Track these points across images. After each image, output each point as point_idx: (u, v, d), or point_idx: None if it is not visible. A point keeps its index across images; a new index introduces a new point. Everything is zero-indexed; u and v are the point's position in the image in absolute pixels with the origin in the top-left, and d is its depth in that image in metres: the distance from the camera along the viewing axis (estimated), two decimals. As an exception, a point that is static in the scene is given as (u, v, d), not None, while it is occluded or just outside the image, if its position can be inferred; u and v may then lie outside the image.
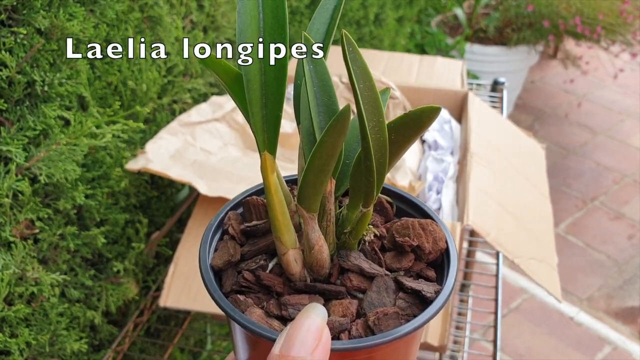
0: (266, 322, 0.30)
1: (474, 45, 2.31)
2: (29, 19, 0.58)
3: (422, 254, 0.33)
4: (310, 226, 0.31)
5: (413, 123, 0.29)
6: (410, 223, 0.34)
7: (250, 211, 0.36)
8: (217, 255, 0.34)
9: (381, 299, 0.32)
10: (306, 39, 0.30)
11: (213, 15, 0.97)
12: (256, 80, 0.29)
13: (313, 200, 0.30)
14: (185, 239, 0.77)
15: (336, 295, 0.32)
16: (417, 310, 0.31)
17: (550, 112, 2.58)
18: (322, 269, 0.32)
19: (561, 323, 1.61)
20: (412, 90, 1.04)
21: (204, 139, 0.83)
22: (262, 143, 0.30)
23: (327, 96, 0.31)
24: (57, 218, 0.68)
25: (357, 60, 0.28)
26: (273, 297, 0.32)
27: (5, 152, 0.58)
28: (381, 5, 1.71)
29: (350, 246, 0.33)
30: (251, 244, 0.35)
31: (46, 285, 0.64)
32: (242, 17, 0.29)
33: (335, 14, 0.33)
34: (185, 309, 0.73)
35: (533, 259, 0.75)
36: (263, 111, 0.29)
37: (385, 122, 0.28)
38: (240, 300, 0.31)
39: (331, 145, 0.27)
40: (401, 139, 0.29)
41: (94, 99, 0.71)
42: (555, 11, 2.11)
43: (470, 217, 0.73)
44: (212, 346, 1.15)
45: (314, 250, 0.31)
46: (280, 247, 0.32)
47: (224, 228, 0.36)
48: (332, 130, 0.26)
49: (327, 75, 0.31)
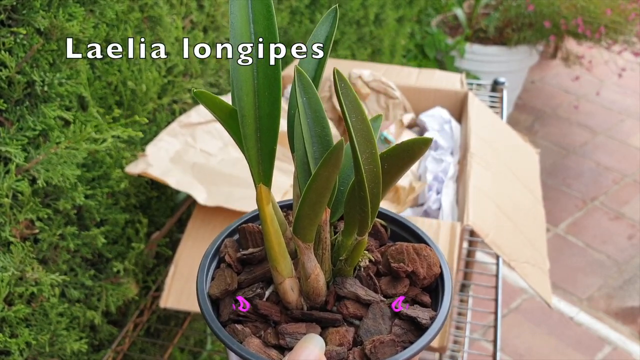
0: (264, 352, 0.30)
1: (474, 45, 2.31)
2: (28, 19, 0.58)
3: (417, 279, 0.34)
4: (306, 255, 0.31)
5: (405, 154, 0.29)
6: (405, 248, 0.34)
7: (246, 238, 0.36)
8: (215, 285, 0.34)
9: (377, 326, 0.32)
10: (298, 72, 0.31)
11: (213, 15, 0.97)
12: (250, 116, 0.30)
13: (309, 231, 0.31)
14: (186, 239, 0.77)
15: (333, 323, 0.32)
16: (413, 336, 0.32)
17: (551, 112, 2.58)
18: (319, 296, 0.33)
19: (561, 323, 1.61)
20: (412, 91, 1.04)
21: (204, 139, 0.83)
22: (258, 175, 0.31)
23: (320, 127, 0.32)
24: (57, 218, 0.68)
25: (349, 95, 0.28)
26: (270, 325, 0.33)
27: (4, 153, 0.58)
28: (381, 5, 1.71)
29: (346, 273, 0.34)
30: (248, 272, 0.35)
31: (46, 286, 0.64)
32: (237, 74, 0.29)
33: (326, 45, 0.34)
34: (185, 310, 0.73)
35: (527, 263, 0.75)
36: (258, 144, 0.30)
37: (377, 153, 0.29)
38: (238, 330, 0.31)
39: (326, 179, 0.28)
40: (394, 169, 0.30)
41: (93, 99, 0.71)
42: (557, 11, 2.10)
43: (471, 218, 0.73)
44: (212, 346, 1.15)
45: (311, 279, 0.32)
46: (277, 276, 0.32)
47: (221, 256, 0.36)
48: (326, 164, 0.27)
49: (320, 106, 0.32)
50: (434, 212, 0.85)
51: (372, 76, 0.99)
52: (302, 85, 0.31)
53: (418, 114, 1.03)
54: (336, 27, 0.34)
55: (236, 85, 0.29)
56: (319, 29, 0.34)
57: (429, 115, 1.00)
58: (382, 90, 0.98)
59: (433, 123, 0.99)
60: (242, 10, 0.30)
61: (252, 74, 0.30)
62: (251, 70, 0.30)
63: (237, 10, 0.30)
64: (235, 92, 0.30)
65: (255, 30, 0.30)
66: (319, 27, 0.34)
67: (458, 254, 0.71)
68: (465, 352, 0.80)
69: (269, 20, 0.30)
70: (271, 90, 0.30)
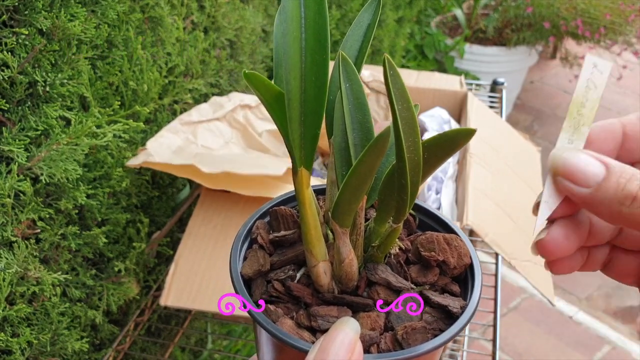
0: (297, 332, 0.31)
1: (474, 46, 2.31)
2: (30, 20, 0.58)
3: (447, 268, 0.34)
4: (342, 240, 0.32)
5: (447, 144, 0.29)
6: (435, 237, 0.34)
7: (278, 220, 0.36)
8: (247, 264, 0.34)
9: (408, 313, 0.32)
10: (343, 58, 0.31)
11: (214, 16, 0.97)
12: (296, 99, 0.30)
13: (347, 216, 0.31)
14: (186, 238, 0.78)
15: (364, 308, 0.32)
16: (443, 324, 0.32)
17: (550, 112, 2.58)
18: (351, 281, 0.33)
19: (560, 322, 1.62)
20: (412, 91, 1.05)
21: (205, 137, 0.83)
22: (299, 159, 0.31)
23: (362, 114, 0.32)
24: (58, 218, 0.68)
25: (397, 82, 0.29)
26: (301, 307, 0.33)
27: (7, 152, 0.58)
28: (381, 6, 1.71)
29: (377, 259, 0.34)
30: (280, 254, 0.35)
31: (47, 285, 0.64)
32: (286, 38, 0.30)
33: (369, 32, 0.34)
34: (185, 308, 0.73)
35: (528, 261, 0.75)
36: (301, 128, 0.30)
37: (420, 142, 0.29)
38: (271, 310, 0.32)
39: (369, 166, 0.28)
40: (433, 158, 0.30)
41: (95, 99, 0.71)
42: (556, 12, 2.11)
43: (470, 217, 0.73)
44: (213, 345, 1.15)
45: (344, 263, 0.32)
46: (311, 259, 0.32)
47: (252, 237, 0.36)
48: (371, 151, 0.27)
49: (362, 93, 0.32)
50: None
51: (372, 76, 0.99)
52: (345, 72, 0.31)
53: (418, 114, 1.03)
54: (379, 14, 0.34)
55: (284, 69, 0.30)
56: (362, 16, 0.35)
57: (429, 115, 1.01)
58: (382, 91, 0.99)
59: (432, 123, 0.99)
60: None
61: (300, 59, 0.30)
62: (299, 55, 0.30)
63: None
64: (283, 76, 0.30)
65: (305, 15, 0.30)
66: (362, 13, 0.34)
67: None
68: (464, 351, 0.81)
69: (320, 6, 0.30)
70: (318, 75, 0.30)
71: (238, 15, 1.03)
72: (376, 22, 0.34)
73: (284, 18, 0.30)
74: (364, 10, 0.35)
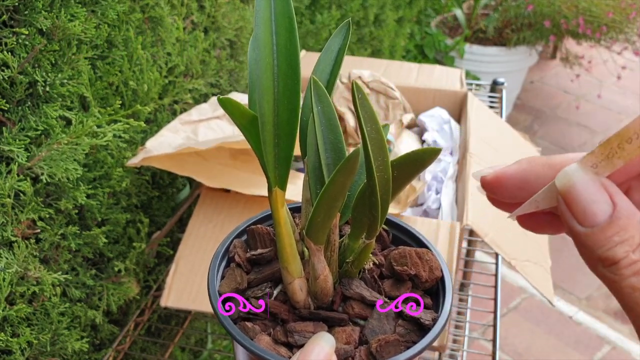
0: (274, 348, 0.32)
1: (474, 46, 2.31)
2: (30, 20, 0.58)
3: (419, 282, 0.35)
4: (316, 257, 0.33)
5: (415, 162, 0.30)
6: (408, 252, 0.35)
7: (255, 239, 0.37)
8: (225, 283, 0.36)
9: (382, 326, 0.33)
10: (314, 82, 0.33)
11: (214, 16, 0.98)
12: (269, 122, 0.31)
13: (321, 234, 0.32)
14: (186, 238, 0.78)
15: (339, 322, 0.33)
16: (416, 336, 0.33)
17: (550, 112, 2.58)
18: (326, 297, 0.34)
19: (560, 322, 1.62)
20: (412, 91, 1.05)
21: (206, 134, 0.83)
22: (274, 179, 0.32)
23: (334, 135, 0.33)
24: (58, 218, 0.68)
25: (366, 105, 0.30)
26: (278, 323, 0.34)
27: (7, 152, 0.58)
28: (381, 6, 1.72)
29: (351, 274, 0.35)
30: (257, 272, 0.36)
31: (47, 285, 0.64)
32: (259, 64, 0.31)
33: (339, 56, 0.36)
34: (186, 309, 0.73)
35: (528, 261, 0.75)
36: (275, 150, 0.32)
37: (389, 161, 0.30)
38: (248, 328, 0.33)
39: (341, 185, 0.29)
40: (403, 176, 0.31)
41: (95, 99, 0.71)
42: (557, 10, 2.11)
43: (470, 217, 0.73)
44: (213, 345, 1.15)
45: (319, 279, 0.33)
46: (287, 276, 0.33)
47: (230, 255, 0.37)
48: (342, 170, 0.28)
49: (334, 114, 0.33)
50: (433, 211, 0.86)
51: (372, 76, 0.99)
52: (317, 95, 0.33)
53: (418, 114, 1.03)
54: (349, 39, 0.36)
55: (257, 94, 0.31)
56: (332, 41, 0.36)
57: (429, 115, 1.01)
58: (381, 91, 0.99)
59: (432, 123, 0.99)
60: (266, 24, 0.32)
61: (273, 83, 0.32)
62: (272, 80, 0.32)
63: (262, 23, 0.32)
64: (257, 100, 0.31)
65: (277, 42, 0.32)
66: (332, 38, 0.36)
67: (457, 253, 0.72)
68: (464, 351, 0.81)
69: (290, 33, 0.32)
70: (290, 99, 0.31)
71: (238, 15, 1.04)
72: (346, 46, 0.36)
73: (257, 45, 0.32)
74: (334, 35, 0.36)
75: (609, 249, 0.24)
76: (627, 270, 0.23)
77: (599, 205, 0.24)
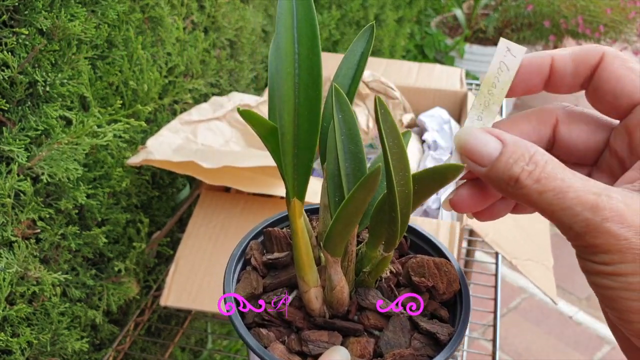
0: (288, 358, 0.31)
1: (474, 46, 2.31)
2: (30, 20, 0.58)
3: (437, 294, 0.35)
4: (333, 269, 0.32)
5: (437, 177, 0.30)
6: (426, 262, 0.35)
7: (272, 242, 0.37)
8: (241, 287, 0.35)
9: (397, 339, 0.33)
10: (336, 89, 0.32)
11: (214, 16, 0.98)
12: (289, 133, 0.31)
13: (339, 247, 0.32)
14: (186, 238, 0.78)
15: (354, 333, 0.33)
16: (431, 351, 0.32)
17: (550, 112, 2.58)
18: (342, 306, 0.34)
19: (560, 322, 1.62)
20: (412, 91, 1.05)
21: (205, 135, 0.83)
22: (292, 190, 0.32)
23: (354, 144, 0.32)
24: (58, 218, 0.68)
25: (388, 120, 0.29)
26: (293, 330, 0.33)
27: (7, 152, 0.58)
28: (381, 6, 1.72)
29: (368, 284, 0.35)
30: (273, 277, 0.36)
31: (47, 285, 0.64)
32: (280, 73, 0.31)
33: (362, 60, 0.35)
34: (186, 308, 0.73)
35: (530, 260, 0.75)
36: (294, 161, 0.31)
37: (410, 176, 0.30)
38: (263, 335, 0.32)
39: (361, 201, 0.29)
40: (423, 190, 0.31)
41: (95, 99, 0.71)
42: (557, 10, 2.11)
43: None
44: (213, 345, 1.15)
45: (336, 290, 0.33)
46: (303, 285, 0.33)
47: (246, 257, 0.37)
48: (363, 187, 0.27)
49: (355, 124, 0.32)
50: (433, 211, 0.86)
51: (372, 76, 0.99)
52: (338, 103, 0.32)
53: (418, 114, 1.03)
54: (372, 44, 0.35)
55: (278, 103, 0.31)
56: (355, 45, 0.35)
57: (429, 115, 1.01)
58: (381, 91, 0.99)
59: (432, 123, 0.99)
60: (288, 31, 0.31)
61: (294, 93, 0.31)
62: (293, 90, 0.31)
63: (283, 30, 0.31)
64: (277, 109, 0.31)
65: (299, 51, 0.31)
66: (355, 42, 0.35)
67: (457, 253, 0.72)
68: (464, 351, 0.81)
69: (313, 42, 0.31)
70: (311, 110, 0.31)
71: (238, 15, 1.04)
72: (369, 50, 0.35)
73: (278, 54, 0.31)
74: (357, 39, 0.35)
75: (508, 170, 0.29)
76: (527, 180, 0.28)
77: (490, 145, 0.29)
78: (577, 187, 0.27)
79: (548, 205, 0.27)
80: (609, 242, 0.26)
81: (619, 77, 0.29)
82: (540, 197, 0.28)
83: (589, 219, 0.26)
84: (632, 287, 0.25)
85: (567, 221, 0.27)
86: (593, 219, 0.26)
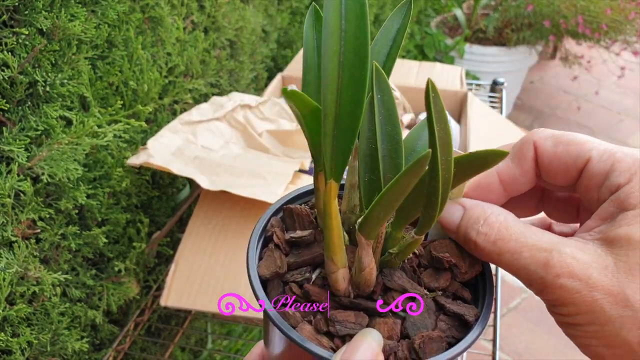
0: (316, 339, 0.31)
1: (474, 46, 2.31)
2: (30, 20, 0.58)
3: (459, 272, 0.34)
4: (365, 251, 0.32)
5: (478, 163, 0.30)
6: (448, 243, 0.35)
7: (293, 219, 0.36)
8: (264, 265, 0.34)
9: (423, 320, 0.33)
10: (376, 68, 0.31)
11: (214, 16, 0.98)
12: (331, 113, 0.30)
13: (374, 230, 0.31)
14: (186, 238, 0.78)
15: (380, 313, 0.33)
16: (456, 332, 0.32)
17: (550, 112, 2.58)
18: (368, 287, 0.33)
19: (560, 323, 1.62)
20: (412, 91, 1.05)
21: (205, 136, 0.84)
22: (330, 171, 0.31)
23: (392, 126, 0.32)
24: (58, 218, 0.68)
25: (438, 104, 0.29)
26: (317, 310, 0.33)
27: (7, 152, 0.58)
28: (381, 6, 1.72)
29: (393, 265, 0.34)
30: (296, 255, 0.35)
31: (47, 285, 0.64)
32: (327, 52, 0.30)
33: (398, 36, 0.34)
34: (186, 309, 0.73)
35: None
36: (334, 142, 0.30)
37: (452, 160, 0.30)
38: (289, 315, 0.32)
39: (405, 187, 0.28)
40: (462, 175, 0.31)
41: (95, 99, 0.71)
42: (557, 10, 2.11)
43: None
44: (213, 345, 1.15)
45: (365, 272, 0.32)
46: (332, 266, 0.33)
47: (267, 235, 0.36)
48: (409, 173, 0.27)
49: (393, 105, 0.32)
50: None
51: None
52: (378, 83, 0.31)
53: (417, 113, 1.03)
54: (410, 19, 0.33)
55: (323, 84, 0.30)
56: (391, 20, 0.34)
57: (429, 115, 1.01)
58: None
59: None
60: (336, 6, 0.30)
61: (338, 72, 0.30)
62: (337, 69, 0.30)
63: (331, 5, 0.30)
64: (322, 90, 0.30)
65: (346, 28, 0.30)
66: (391, 17, 0.34)
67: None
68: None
69: (361, 20, 0.30)
70: (355, 90, 0.30)
71: (238, 15, 1.04)
72: (406, 26, 0.34)
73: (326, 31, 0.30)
74: (394, 14, 0.34)
75: (467, 234, 0.32)
76: (485, 244, 0.31)
77: (455, 213, 0.33)
78: (530, 245, 0.29)
79: (507, 265, 0.30)
80: (563, 296, 0.28)
81: (559, 156, 0.32)
82: (499, 259, 0.30)
83: (543, 277, 0.28)
84: (591, 335, 0.28)
85: (526, 279, 0.29)
86: (546, 276, 0.28)
